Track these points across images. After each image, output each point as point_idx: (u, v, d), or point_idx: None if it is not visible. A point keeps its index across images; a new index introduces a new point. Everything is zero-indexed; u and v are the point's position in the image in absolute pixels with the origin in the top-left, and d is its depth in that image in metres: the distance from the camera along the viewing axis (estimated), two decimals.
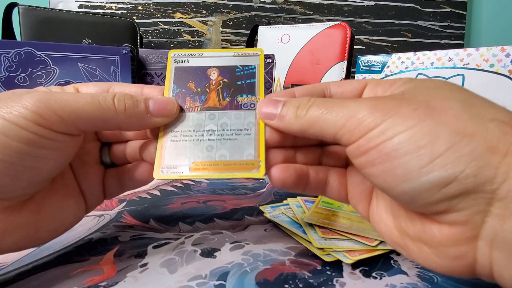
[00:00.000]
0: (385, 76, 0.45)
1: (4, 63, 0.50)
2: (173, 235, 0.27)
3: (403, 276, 0.22)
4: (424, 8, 0.91)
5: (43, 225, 0.21)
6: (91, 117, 0.20)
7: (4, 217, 0.18)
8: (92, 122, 0.20)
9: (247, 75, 0.25)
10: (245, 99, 0.24)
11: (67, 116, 0.19)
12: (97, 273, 0.21)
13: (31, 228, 0.20)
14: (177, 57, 0.25)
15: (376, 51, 0.91)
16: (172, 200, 0.37)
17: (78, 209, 0.23)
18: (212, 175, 0.22)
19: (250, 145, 0.22)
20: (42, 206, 0.21)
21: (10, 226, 0.19)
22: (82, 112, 0.19)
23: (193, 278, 0.21)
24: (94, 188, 0.25)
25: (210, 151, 0.22)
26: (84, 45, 0.54)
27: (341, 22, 0.66)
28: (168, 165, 0.22)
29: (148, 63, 0.65)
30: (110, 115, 0.20)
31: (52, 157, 0.19)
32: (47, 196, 0.21)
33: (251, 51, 0.25)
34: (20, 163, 0.18)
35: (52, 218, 0.21)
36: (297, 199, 0.37)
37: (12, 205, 0.19)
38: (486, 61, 0.37)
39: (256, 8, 0.90)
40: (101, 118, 0.20)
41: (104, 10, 0.86)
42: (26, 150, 0.18)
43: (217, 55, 0.25)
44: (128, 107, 0.21)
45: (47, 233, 0.21)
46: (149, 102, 0.22)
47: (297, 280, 0.21)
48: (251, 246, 0.26)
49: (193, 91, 0.24)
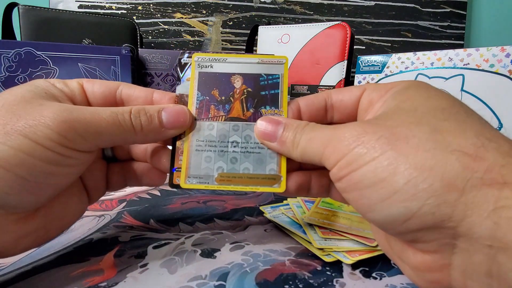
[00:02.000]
0: (385, 76, 0.45)
1: (4, 63, 0.50)
2: (173, 235, 0.27)
3: (403, 276, 0.22)
4: (424, 8, 0.91)
5: (52, 226, 0.21)
6: (112, 138, 0.20)
7: (19, 226, 0.19)
8: (113, 141, 0.21)
9: (271, 85, 0.24)
10: (269, 111, 0.24)
11: (90, 137, 0.19)
12: (97, 273, 0.21)
13: (42, 231, 0.20)
14: (201, 62, 0.25)
15: (376, 51, 0.91)
16: (172, 200, 0.37)
17: (82, 204, 0.24)
18: (237, 188, 0.22)
19: (272, 160, 0.23)
20: (51, 210, 0.21)
21: (23, 233, 0.19)
22: (105, 133, 0.19)
23: (193, 278, 0.21)
24: (98, 183, 0.25)
25: (234, 164, 0.23)
26: (84, 45, 0.54)
27: (341, 22, 0.66)
28: (194, 174, 0.23)
29: (148, 63, 0.65)
30: (129, 134, 0.20)
31: (72, 172, 0.20)
32: (54, 200, 0.21)
33: (275, 58, 0.25)
34: (44, 182, 0.18)
35: (59, 219, 0.22)
36: (297, 199, 0.37)
37: (27, 215, 0.19)
38: (486, 61, 0.37)
39: (256, 8, 0.90)
40: (122, 137, 0.20)
41: (104, 10, 0.86)
42: (51, 169, 0.18)
43: (241, 61, 0.25)
44: (144, 124, 0.21)
45: (55, 231, 0.22)
46: (162, 115, 0.22)
47: (297, 281, 0.21)
48: (251, 247, 0.26)
49: (217, 99, 0.24)
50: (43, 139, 0.17)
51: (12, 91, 0.19)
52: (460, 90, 0.38)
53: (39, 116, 0.17)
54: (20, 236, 0.19)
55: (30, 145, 0.17)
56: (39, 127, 0.17)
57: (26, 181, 0.17)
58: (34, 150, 0.17)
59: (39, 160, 0.17)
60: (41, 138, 0.17)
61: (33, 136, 0.17)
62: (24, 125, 0.17)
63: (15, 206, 0.18)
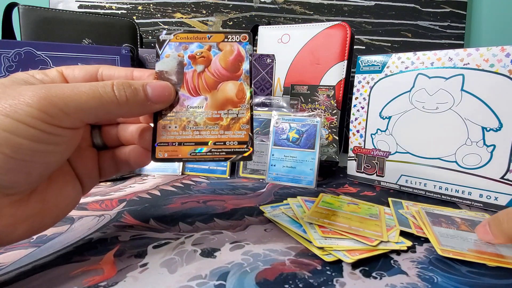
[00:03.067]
0: (385, 76, 0.45)
1: (4, 63, 0.50)
2: (173, 235, 0.27)
3: (403, 276, 0.22)
4: (424, 8, 0.91)
5: (47, 213, 0.21)
6: (95, 110, 0.20)
7: (14, 210, 0.19)
8: (96, 115, 0.20)
9: None
10: None
11: (72, 112, 0.19)
12: (97, 273, 0.21)
13: (38, 217, 0.21)
14: None
15: (376, 51, 0.91)
16: (172, 200, 0.37)
17: (76, 193, 0.24)
18: None
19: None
20: (45, 196, 0.21)
21: (20, 218, 0.19)
22: (86, 106, 0.19)
23: (193, 278, 0.21)
24: (90, 171, 0.25)
25: None
26: (84, 45, 0.54)
27: (341, 22, 0.66)
28: None
29: (148, 63, 0.65)
30: (113, 106, 0.21)
31: (59, 150, 0.20)
32: (48, 186, 0.21)
33: None
34: (32, 160, 0.18)
35: (54, 206, 0.22)
36: (297, 198, 0.37)
37: (21, 198, 0.19)
38: (486, 61, 0.37)
39: (256, 8, 0.90)
40: (105, 110, 0.20)
41: (104, 10, 0.86)
42: (36, 147, 0.18)
43: None
44: (129, 96, 0.21)
45: (51, 219, 0.22)
46: (147, 89, 0.22)
47: (297, 280, 0.21)
48: (251, 246, 0.26)
49: None
50: (25, 117, 0.17)
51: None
52: (460, 90, 0.38)
53: (19, 96, 0.18)
54: (17, 221, 0.19)
55: (12, 124, 0.17)
56: (20, 106, 0.17)
57: (12, 159, 0.17)
58: (17, 128, 0.17)
59: (23, 138, 0.17)
60: (22, 116, 0.17)
61: (14, 115, 0.17)
62: (4, 104, 0.17)
63: (7, 187, 0.18)
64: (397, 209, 0.35)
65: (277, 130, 0.48)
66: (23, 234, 0.20)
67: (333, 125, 0.55)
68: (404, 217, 0.32)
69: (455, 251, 0.25)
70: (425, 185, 0.42)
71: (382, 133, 0.45)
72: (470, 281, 0.22)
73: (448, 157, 0.40)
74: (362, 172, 0.48)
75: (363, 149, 0.48)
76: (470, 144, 0.38)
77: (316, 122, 0.47)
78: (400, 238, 0.27)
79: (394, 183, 0.45)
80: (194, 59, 0.25)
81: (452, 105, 0.39)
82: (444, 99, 0.40)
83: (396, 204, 0.37)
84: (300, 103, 0.59)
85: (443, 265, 0.24)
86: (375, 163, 0.46)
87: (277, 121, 0.48)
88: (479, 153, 0.37)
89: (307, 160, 0.45)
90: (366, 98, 0.47)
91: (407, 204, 0.37)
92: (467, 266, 0.24)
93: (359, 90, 0.48)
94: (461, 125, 0.38)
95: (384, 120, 0.45)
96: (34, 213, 0.20)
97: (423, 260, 0.25)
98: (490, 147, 0.37)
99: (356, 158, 0.49)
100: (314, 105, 0.59)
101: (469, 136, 0.38)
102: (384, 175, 0.46)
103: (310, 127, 0.47)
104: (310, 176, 0.44)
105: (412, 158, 0.43)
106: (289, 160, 0.46)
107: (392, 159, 0.45)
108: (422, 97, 0.41)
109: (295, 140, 0.46)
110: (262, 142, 0.50)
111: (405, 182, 0.43)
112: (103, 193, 0.39)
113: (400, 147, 0.44)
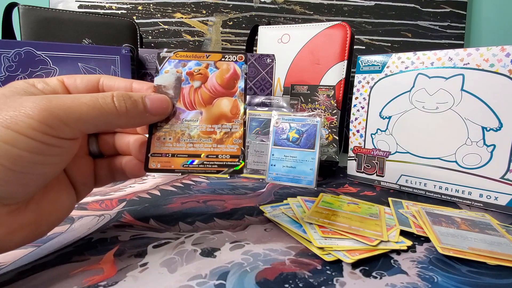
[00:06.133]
0: (385, 76, 0.45)
1: (4, 63, 0.50)
2: (173, 234, 0.27)
3: (403, 275, 0.22)
4: (424, 8, 0.91)
5: (43, 222, 0.21)
6: (95, 121, 0.20)
7: (12, 219, 0.19)
8: (96, 125, 0.21)
9: None
10: None
11: (72, 122, 0.19)
12: (97, 272, 0.21)
13: (33, 226, 0.20)
14: None
15: (376, 51, 0.91)
16: (172, 199, 0.37)
17: (71, 201, 0.24)
18: None
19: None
20: (41, 205, 0.21)
21: (16, 227, 0.19)
22: (87, 117, 0.19)
23: (193, 277, 0.21)
24: (85, 179, 0.25)
25: None
26: (84, 45, 0.54)
27: (341, 22, 0.66)
28: None
29: (148, 63, 0.65)
30: (112, 117, 0.21)
31: (58, 161, 0.20)
32: (44, 195, 0.21)
33: None
34: (31, 172, 0.18)
35: (49, 214, 0.22)
36: (297, 198, 0.37)
37: (18, 207, 0.19)
38: (486, 61, 0.37)
39: (256, 8, 0.90)
40: (104, 120, 0.21)
41: (104, 10, 0.86)
42: (36, 159, 0.18)
43: None
44: (129, 107, 0.21)
45: (47, 227, 0.22)
46: (146, 101, 0.23)
47: (297, 280, 0.21)
48: (251, 246, 0.26)
49: None
50: (25, 129, 0.17)
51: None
52: (460, 89, 0.38)
53: (20, 107, 0.17)
54: (13, 230, 0.19)
55: (13, 136, 0.17)
56: (20, 117, 0.17)
57: (12, 172, 0.17)
58: (17, 140, 0.17)
59: (23, 150, 0.17)
60: (23, 128, 0.17)
61: (14, 126, 0.17)
62: (4, 116, 0.17)
63: (5, 197, 0.18)
64: (397, 209, 0.35)
65: (277, 130, 0.48)
66: (19, 242, 0.20)
67: (333, 125, 0.55)
68: (404, 216, 0.32)
69: (455, 249, 0.25)
70: (425, 185, 0.42)
71: (382, 133, 0.46)
72: (470, 281, 0.22)
73: (448, 157, 0.40)
74: (362, 172, 0.48)
75: (363, 149, 0.48)
76: (470, 144, 0.38)
77: (316, 122, 0.47)
78: (400, 238, 0.27)
79: (394, 183, 0.45)
80: (192, 75, 0.26)
81: (452, 105, 0.39)
82: (444, 99, 0.40)
83: (396, 204, 0.37)
84: (300, 103, 0.60)
85: (443, 265, 0.24)
86: (375, 163, 0.46)
87: (277, 121, 0.48)
88: (479, 153, 0.37)
89: (307, 160, 0.45)
90: (366, 98, 0.47)
91: (407, 204, 0.37)
92: (467, 266, 0.24)
93: (359, 90, 0.48)
94: (461, 125, 0.38)
95: (384, 120, 0.45)
96: (30, 222, 0.20)
97: (423, 259, 0.25)
98: (490, 147, 0.37)
99: (356, 158, 0.49)
100: (314, 105, 0.59)
101: (469, 136, 0.38)
102: (384, 175, 0.46)
103: (310, 127, 0.47)
104: (310, 176, 0.44)
105: (412, 158, 0.43)
106: (289, 160, 0.46)
107: (392, 159, 0.45)
108: (422, 97, 0.41)
109: (295, 140, 0.46)
110: (262, 142, 0.50)
111: (405, 182, 0.44)
112: (103, 193, 0.39)
113: (400, 147, 0.44)
